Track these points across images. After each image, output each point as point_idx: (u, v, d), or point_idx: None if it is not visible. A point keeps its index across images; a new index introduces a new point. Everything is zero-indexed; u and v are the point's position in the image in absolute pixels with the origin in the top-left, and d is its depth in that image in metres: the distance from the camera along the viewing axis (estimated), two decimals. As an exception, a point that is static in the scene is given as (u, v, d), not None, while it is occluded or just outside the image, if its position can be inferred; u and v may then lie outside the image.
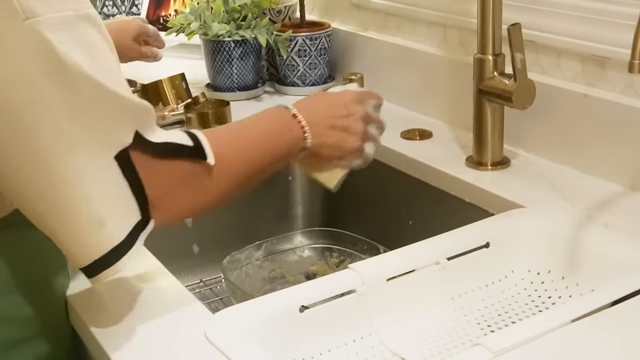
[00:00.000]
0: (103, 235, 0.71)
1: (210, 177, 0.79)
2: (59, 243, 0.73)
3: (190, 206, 0.80)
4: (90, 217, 0.70)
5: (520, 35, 1.02)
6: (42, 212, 0.72)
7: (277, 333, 0.80)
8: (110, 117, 0.71)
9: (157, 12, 1.96)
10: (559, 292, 0.92)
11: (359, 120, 0.94)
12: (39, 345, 0.84)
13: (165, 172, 0.76)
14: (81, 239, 0.71)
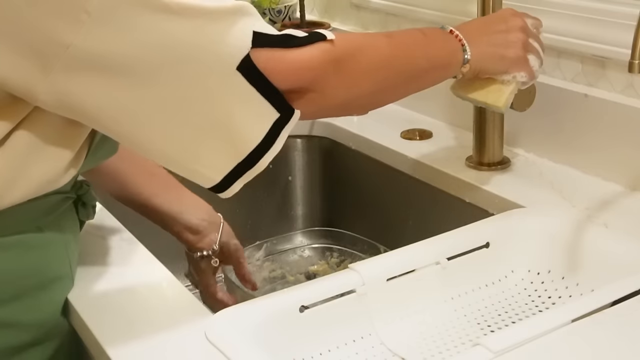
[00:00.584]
0: (244, 140, 0.73)
1: (357, 65, 0.79)
2: (192, 165, 0.75)
3: (342, 94, 0.79)
4: (230, 126, 0.72)
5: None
6: (182, 144, 0.73)
7: (277, 333, 0.80)
8: (223, 29, 0.71)
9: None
10: (559, 292, 0.92)
11: (518, 31, 0.93)
12: (43, 350, 0.84)
13: (298, 61, 0.75)
14: (224, 149, 0.73)
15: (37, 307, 0.82)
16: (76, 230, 0.89)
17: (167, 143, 0.73)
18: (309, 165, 1.43)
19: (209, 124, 0.72)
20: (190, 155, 0.74)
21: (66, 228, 0.85)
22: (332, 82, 0.78)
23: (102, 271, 0.91)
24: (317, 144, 1.41)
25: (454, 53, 0.88)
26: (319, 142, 1.41)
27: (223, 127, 0.73)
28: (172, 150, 0.74)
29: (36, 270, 0.81)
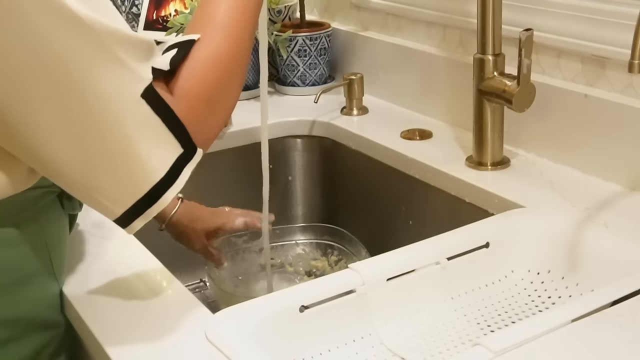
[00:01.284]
0: (147, 171, 0.71)
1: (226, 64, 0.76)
2: (94, 195, 0.73)
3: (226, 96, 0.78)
4: (133, 155, 0.70)
5: (531, 41, 1.02)
6: (81, 168, 0.71)
7: (277, 333, 0.80)
8: (127, 56, 0.70)
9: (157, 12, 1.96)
10: (558, 292, 0.92)
11: None
12: (19, 348, 0.83)
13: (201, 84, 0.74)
14: (125, 181, 0.71)
15: (13, 304, 0.81)
16: (61, 225, 0.88)
17: (68, 166, 0.71)
18: (309, 165, 1.43)
19: (108, 151, 0.70)
20: (91, 183, 0.72)
21: (47, 223, 0.85)
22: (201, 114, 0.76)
23: (102, 271, 0.91)
24: (317, 144, 1.41)
25: None
26: (319, 142, 1.41)
27: (123, 156, 0.70)
28: (74, 174, 0.72)
29: (12, 266, 0.81)
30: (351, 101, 1.41)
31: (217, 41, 0.76)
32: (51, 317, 0.86)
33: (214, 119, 0.77)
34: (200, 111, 0.75)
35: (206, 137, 0.76)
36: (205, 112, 0.75)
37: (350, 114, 1.41)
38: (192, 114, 0.74)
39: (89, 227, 0.99)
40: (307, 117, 1.41)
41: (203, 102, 0.75)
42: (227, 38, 0.77)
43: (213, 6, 0.78)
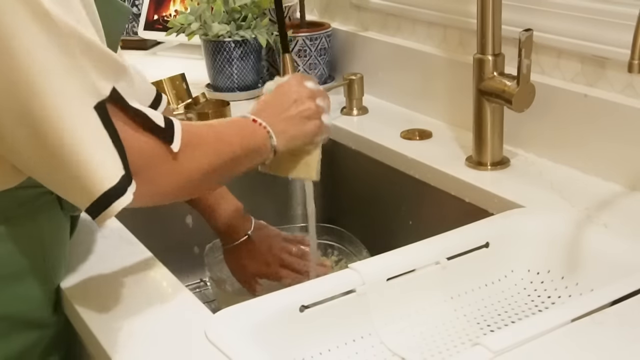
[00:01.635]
0: (98, 176, 0.72)
1: (177, 161, 0.80)
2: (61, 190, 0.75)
3: (171, 181, 0.81)
4: (85, 159, 0.71)
5: (531, 41, 1.02)
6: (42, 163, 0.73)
7: (277, 333, 0.80)
8: (90, 66, 0.72)
9: (157, 13, 1.96)
10: (558, 292, 0.92)
11: (307, 100, 0.99)
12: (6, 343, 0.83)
13: (142, 141, 0.77)
14: (80, 181, 0.72)
15: (2, 299, 0.81)
16: (60, 226, 0.89)
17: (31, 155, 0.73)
18: (309, 165, 1.43)
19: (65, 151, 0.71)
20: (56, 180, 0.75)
21: (44, 223, 0.85)
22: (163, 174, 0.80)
23: (102, 271, 0.91)
24: (317, 144, 1.41)
25: (263, 141, 0.93)
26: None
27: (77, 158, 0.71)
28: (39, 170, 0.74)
29: (2, 261, 0.81)
30: (351, 101, 1.41)
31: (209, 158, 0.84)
32: (42, 316, 0.86)
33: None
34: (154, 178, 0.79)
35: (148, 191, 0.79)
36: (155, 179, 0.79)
37: (350, 114, 1.41)
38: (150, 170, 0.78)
39: (89, 228, 0.99)
40: (307, 117, 1.41)
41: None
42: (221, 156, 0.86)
43: (224, 131, 0.90)
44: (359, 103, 1.41)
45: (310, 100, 0.99)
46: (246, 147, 0.91)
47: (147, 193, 0.78)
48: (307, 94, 0.99)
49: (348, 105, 1.41)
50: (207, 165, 0.84)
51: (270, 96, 1.00)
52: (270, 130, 0.93)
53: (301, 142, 0.99)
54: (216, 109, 1.36)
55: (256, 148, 0.92)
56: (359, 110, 1.41)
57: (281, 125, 0.95)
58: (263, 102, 0.99)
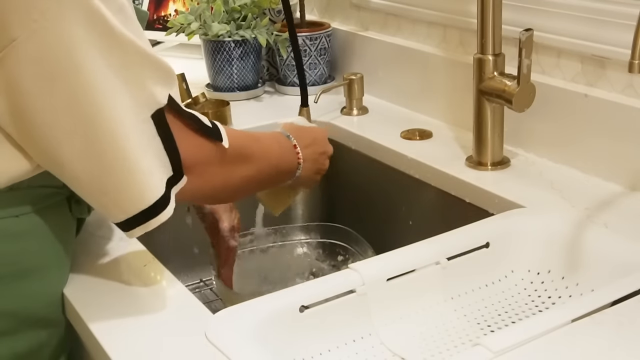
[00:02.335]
0: (150, 186, 0.76)
1: (226, 161, 0.86)
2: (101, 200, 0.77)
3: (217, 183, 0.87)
4: (137, 169, 0.75)
5: (531, 41, 1.02)
6: (91, 173, 0.75)
7: (277, 333, 0.80)
8: (148, 76, 0.76)
9: (157, 12, 1.96)
10: (559, 292, 0.92)
11: (327, 158, 1.08)
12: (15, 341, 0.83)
13: (197, 143, 0.82)
14: (128, 192, 0.76)
15: (10, 296, 0.82)
16: (68, 228, 0.89)
17: (79, 167, 0.75)
18: (309, 165, 1.42)
19: (117, 161, 0.74)
20: (101, 189, 0.76)
21: (53, 223, 0.85)
22: (212, 175, 0.85)
23: (102, 271, 0.91)
24: (317, 144, 1.41)
25: (293, 169, 1.01)
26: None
27: (130, 168, 0.75)
28: (85, 178, 0.76)
29: (12, 258, 0.81)
30: (351, 101, 1.41)
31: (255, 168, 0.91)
32: (51, 315, 0.86)
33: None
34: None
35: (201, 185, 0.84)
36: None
37: (350, 114, 1.41)
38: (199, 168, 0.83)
39: (89, 228, 0.99)
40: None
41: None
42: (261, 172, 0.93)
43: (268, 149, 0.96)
44: (359, 103, 1.41)
45: (328, 160, 1.08)
46: (280, 169, 0.98)
47: (195, 187, 0.83)
48: (330, 153, 1.08)
49: (348, 105, 1.41)
50: (251, 177, 0.91)
51: (305, 131, 1.06)
52: (301, 163, 1.01)
53: (303, 185, 1.07)
54: (216, 109, 1.36)
55: (286, 172, 1.00)
56: (359, 110, 1.41)
57: (307, 163, 1.02)
58: (299, 131, 1.04)
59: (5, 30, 0.69)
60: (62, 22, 0.70)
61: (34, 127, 0.73)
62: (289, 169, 1.00)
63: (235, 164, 0.88)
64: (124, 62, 0.73)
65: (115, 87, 0.73)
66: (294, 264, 1.29)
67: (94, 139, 0.73)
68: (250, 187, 0.95)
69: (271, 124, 1.38)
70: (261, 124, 1.39)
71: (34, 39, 0.69)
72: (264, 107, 1.50)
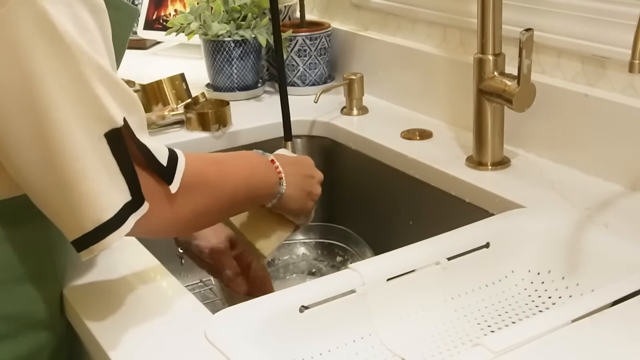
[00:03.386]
0: (96, 208, 0.72)
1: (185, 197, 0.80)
2: (54, 216, 0.74)
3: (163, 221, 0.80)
4: (86, 189, 0.71)
5: (531, 41, 1.02)
6: (42, 186, 0.72)
7: (277, 333, 0.80)
8: (103, 94, 0.72)
9: (157, 12, 1.96)
10: (559, 292, 0.92)
11: (318, 184, 1.01)
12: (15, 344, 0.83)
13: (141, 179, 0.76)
14: (76, 212, 0.72)
15: (11, 300, 0.82)
16: None
17: (32, 183, 0.73)
18: (309, 165, 1.43)
19: (64, 179, 0.71)
20: (49, 205, 0.74)
21: (51, 226, 0.85)
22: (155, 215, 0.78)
23: (101, 271, 0.91)
24: (317, 144, 1.41)
25: (272, 186, 0.94)
26: (319, 142, 1.41)
27: (77, 188, 0.71)
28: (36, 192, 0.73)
29: (10, 262, 0.81)
30: (351, 101, 1.41)
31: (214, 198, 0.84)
32: (50, 317, 0.86)
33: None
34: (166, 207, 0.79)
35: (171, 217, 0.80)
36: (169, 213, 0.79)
37: (350, 114, 1.41)
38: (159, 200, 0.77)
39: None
40: (307, 117, 1.41)
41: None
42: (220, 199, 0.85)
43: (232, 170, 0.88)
44: (359, 103, 1.41)
45: (319, 186, 1.01)
46: (252, 189, 0.91)
47: (136, 228, 0.77)
48: (320, 179, 1.02)
49: (348, 105, 1.41)
50: (203, 208, 0.84)
51: (286, 156, 1.00)
52: (283, 178, 0.94)
53: (297, 210, 0.98)
54: (216, 109, 1.36)
55: (262, 191, 0.93)
56: (359, 110, 1.41)
57: (294, 180, 0.96)
58: (280, 155, 0.99)
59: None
60: (6, 26, 0.67)
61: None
62: (266, 186, 0.93)
63: (183, 197, 0.79)
64: (73, 74, 0.70)
65: (61, 98, 0.69)
66: (294, 264, 1.29)
67: (41, 153, 0.70)
68: (207, 217, 0.87)
69: (272, 124, 1.38)
70: (261, 124, 1.39)
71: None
72: (264, 107, 1.50)
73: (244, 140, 1.37)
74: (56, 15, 0.69)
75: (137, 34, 1.96)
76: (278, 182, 0.94)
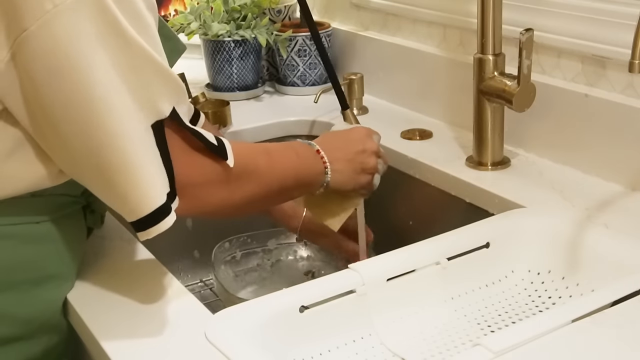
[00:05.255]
0: (149, 195, 0.74)
1: (231, 180, 0.83)
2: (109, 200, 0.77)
3: (217, 203, 0.84)
4: (137, 179, 0.73)
5: (531, 41, 1.02)
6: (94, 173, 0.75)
7: (277, 333, 0.80)
8: (155, 85, 0.75)
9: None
10: (559, 292, 0.92)
11: (372, 155, 1.02)
12: (29, 346, 0.84)
13: (197, 162, 0.80)
14: (130, 198, 0.74)
15: (28, 302, 0.82)
16: (81, 235, 0.90)
17: (88, 165, 0.74)
18: (309, 165, 1.42)
19: (121, 165, 0.73)
20: (101, 188, 0.76)
21: (69, 231, 0.85)
22: (211, 195, 0.83)
23: (102, 271, 0.91)
24: (317, 144, 1.41)
25: (318, 175, 0.96)
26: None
27: (134, 174, 0.73)
28: (92, 174, 0.75)
29: (29, 264, 0.81)
30: (351, 101, 1.40)
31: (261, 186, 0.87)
32: (60, 320, 0.87)
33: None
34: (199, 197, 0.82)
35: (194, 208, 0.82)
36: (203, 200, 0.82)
37: (350, 114, 1.41)
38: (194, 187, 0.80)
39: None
40: (307, 117, 1.41)
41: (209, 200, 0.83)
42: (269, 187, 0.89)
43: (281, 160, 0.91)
44: (359, 103, 1.41)
45: (374, 156, 1.02)
46: (300, 179, 0.93)
47: (192, 208, 0.81)
48: (374, 149, 1.02)
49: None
50: (255, 194, 0.87)
51: (337, 134, 1.02)
52: (329, 166, 0.96)
53: (350, 189, 1.00)
54: (216, 109, 1.36)
55: (309, 181, 0.95)
56: (359, 110, 1.41)
57: (340, 164, 0.97)
58: (330, 135, 1.01)
59: (18, 20, 0.69)
60: (72, 15, 0.69)
61: (47, 123, 0.73)
62: (312, 176, 0.95)
63: (237, 181, 0.84)
64: (130, 65, 0.72)
65: (117, 87, 0.72)
66: (294, 264, 1.29)
67: (95, 138, 0.72)
68: (257, 204, 0.91)
69: (272, 124, 1.38)
70: (261, 123, 1.39)
71: (45, 30, 0.69)
72: (264, 107, 1.50)
73: (244, 140, 1.37)
74: (119, 11, 0.71)
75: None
76: (324, 172, 0.96)
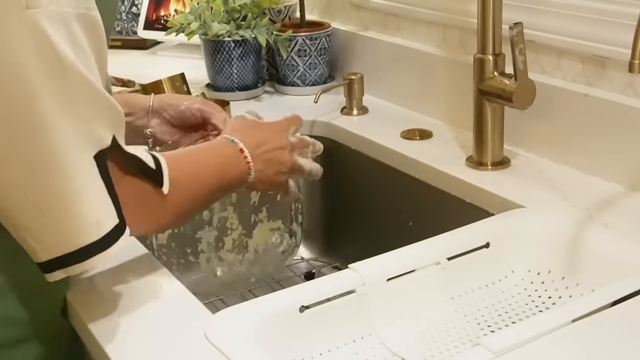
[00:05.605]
0: (84, 229, 0.72)
1: (165, 201, 0.82)
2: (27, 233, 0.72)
3: (146, 225, 0.84)
4: (75, 210, 0.71)
5: (522, 35, 1.02)
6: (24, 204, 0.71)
7: (277, 333, 0.80)
8: (95, 115, 0.72)
9: (157, 12, 1.96)
10: (559, 292, 0.92)
11: (289, 154, 0.99)
12: (33, 348, 0.84)
13: (130, 186, 0.78)
14: (62, 231, 0.71)
15: (29, 304, 0.82)
16: None
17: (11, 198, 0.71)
18: (308, 165, 1.42)
19: (53, 197, 0.70)
20: (26, 223, 0.72)
21: None
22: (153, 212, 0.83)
23: (102, 272, 0.91)
24: (317, 144, 1.41)
25: (240, 177, 0.94)
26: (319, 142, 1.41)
27: (66, 207, 0.70)
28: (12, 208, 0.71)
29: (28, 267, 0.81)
30: (351, 101, 1.41)
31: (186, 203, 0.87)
32: (61, 320, 0.87)
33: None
34: None
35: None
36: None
37: (350, 114, 1.41)
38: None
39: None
40: (307, 117, 1.41)
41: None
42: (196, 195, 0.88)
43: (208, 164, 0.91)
44: (359, 103, 1.41)
45: (291, 154, 0.99)
46: (225, 181, 0.92)
47: (136, 229, 0.80)
48: (290, 145, 1.00)
49: (348, 105, 1.41)
50: (190, 201, 0.87)
51: (258, 127, 0.99)
52: (252, 167, 0.94)
53: (265, 190, 1.02)
54: (216, 109, 1.36)
55: (232, 182, 0.94)
56: (359, 110, 1.41)
57: (260, 165, 0.96)
58: (252, 127, 0.99)
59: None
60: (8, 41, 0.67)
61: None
62: (235, 177, 0.94)
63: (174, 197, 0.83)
64: (69, 94, 0.70)
65: (59, 118, 0.69)
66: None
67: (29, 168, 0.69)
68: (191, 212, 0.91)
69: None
70: (261, 124, 1.39)
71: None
72: (264, 107, 1.50)
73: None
74: (54, 35, 0.68)
75: (137, 34, 1.96)
76: (247, 172, 0.94)
